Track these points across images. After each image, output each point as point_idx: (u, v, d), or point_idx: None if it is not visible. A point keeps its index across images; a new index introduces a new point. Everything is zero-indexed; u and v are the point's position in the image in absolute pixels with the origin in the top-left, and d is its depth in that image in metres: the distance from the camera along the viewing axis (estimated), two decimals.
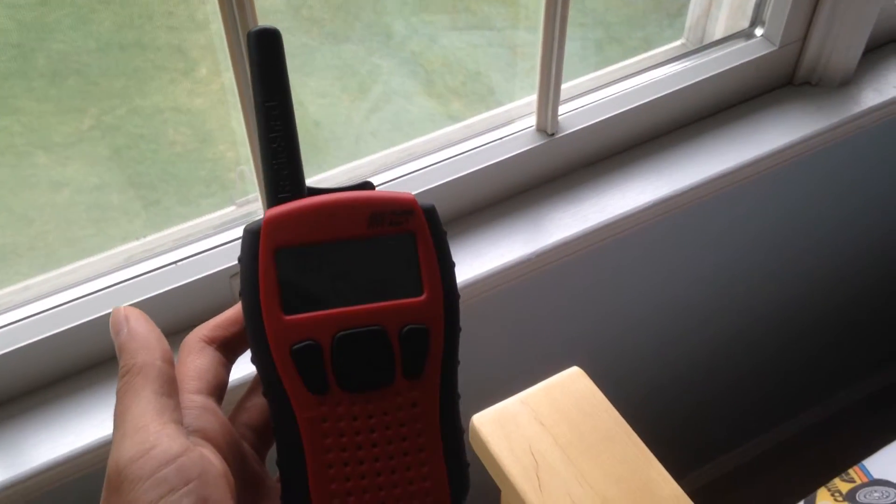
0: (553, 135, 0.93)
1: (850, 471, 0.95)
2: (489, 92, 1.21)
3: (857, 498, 0.92)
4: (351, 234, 0.37)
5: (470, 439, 0.75)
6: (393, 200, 0.38)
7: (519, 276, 0.89)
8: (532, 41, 0.88)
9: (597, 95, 0.97)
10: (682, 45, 1.08)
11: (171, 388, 0.37)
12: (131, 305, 0.39)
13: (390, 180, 0.88)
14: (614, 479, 0.71)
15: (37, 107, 1.52)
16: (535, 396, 0.76)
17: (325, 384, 0.37)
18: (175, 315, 0.81)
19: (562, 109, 0.94)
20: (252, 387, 0.42)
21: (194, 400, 0.38)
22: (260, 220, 0.37)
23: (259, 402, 0.41)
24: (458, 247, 0.89)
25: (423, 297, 0.38)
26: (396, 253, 0.38)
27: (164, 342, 0.38)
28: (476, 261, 0.88)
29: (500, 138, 0.92)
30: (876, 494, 0.92)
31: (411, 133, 0.96)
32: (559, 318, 1.07)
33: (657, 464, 0.73)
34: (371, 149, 0.97)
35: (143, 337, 0.37)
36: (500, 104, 1.00)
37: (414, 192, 0.88)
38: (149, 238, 0.90)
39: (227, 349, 0.41)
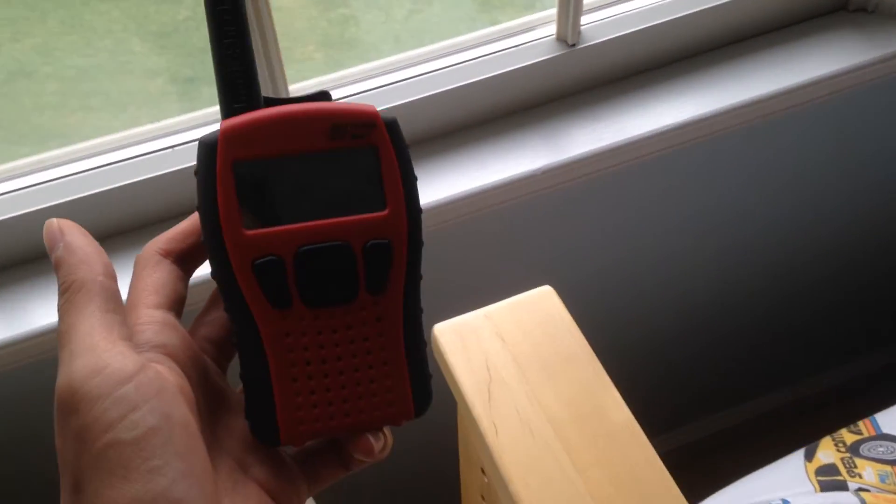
0: (574, 45, 0.88)
1: (860, 423, 0.90)
2: (528, 6, 1.16)
3: (861, 451, 0.87)
4: (311, 147, 0.36)
5: (432, 348, 0.74)
6: (354, 113, 0.37)
7: (523, 193, 0.87)
8: None
9: (625, 6, 0.91)
10: None
11: (116, 303, 0.35)
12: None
13: (401, 80, 0.86)
14: (566, 400, 0.70)
15: None
16: (499, 312, 0.74)
17: (288, 299, 0.37)
18: None
19: (586, 19, 0.90)
20: (211, 300, 0.41)
21: (153, 315, 0.37)
22: (216, 132, 0.36)
23: (219, 315, 0.41)
24: (463, 157, 0.87)
25: (385, 212, 0.37)
26: (358, 167, 0.37)
27: (104, 255, 0.36)
28: (478, 172, 0.86)
29: (516, 46, 0.89)
30: (881, 449, 0.87)
31: (445, 36, 0.94)
32: (553, 240, 1.04)
33: (614, 391, 0.70)
34: (402, 49, 0.95)
35: (82, 251, 0.36)
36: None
37: (422, 97, 0.87)
38: None
39: (184, 262, 0.40)
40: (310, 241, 0.36)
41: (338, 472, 0.40)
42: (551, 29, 0.89)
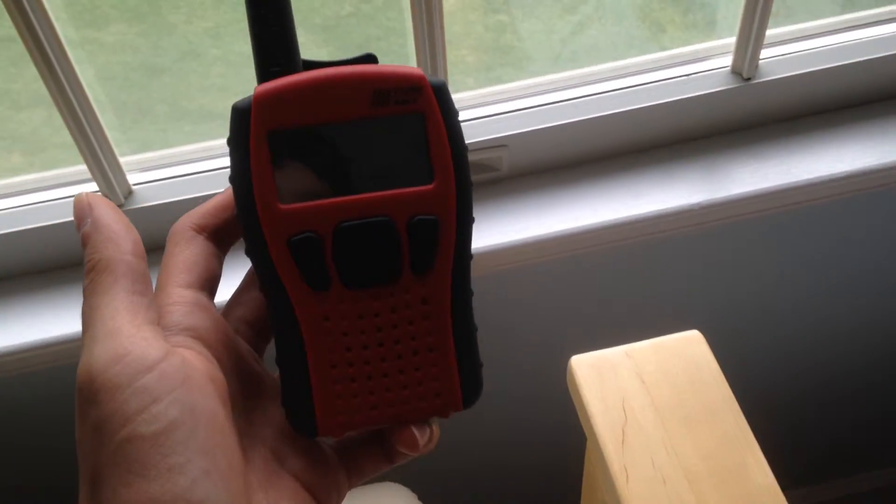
0: (748, 79, 0.84)
1: None
2: (710, 26, 1.11)
3: None
4: (352, 114, 0.33)
5: (567, 380, 0.72)
6: (399, 76, 0.33)
7: (676, 227, 0.83)
8: None
9: (808, 44, 0.86)
10: None
11: (143, 285, 0.33)
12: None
13: (562, 101, 0.84)
14: (704, 453, 0.66)
15: None
16: (642, 351, 0.71)
17: (327, 280, 0.34)
18: None
19: (766, 53, 0.85)
20: (247, 279, 0.39)
21: (184, 295, 0.35)
22: (249, 97, 0.33)
23: (255, 295, 0.38)
24: (618, 184, 0.84)
25: (432, 186, 0.34)
26: (404, 136, 0.34)
27: (134, 233, 0.34)
28: (633, 201, 0.82)
29: (688, 75, 0.85)
30: None
31: (613, 57, 0.91)
32: (702, 279, 0.99)
33: (757, 450, 0.66)
34: (563, 68, 0.93)
35: (110, 228, 0.33)
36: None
37: (583, 119, 0.84)
38: None
39: (219, 238, 0.37)
40: (349, 217, 0.34)
41: (381, 464, 0.37)
42: (726, 60, 0.85)
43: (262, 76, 0.34)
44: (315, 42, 1.61)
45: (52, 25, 0.70)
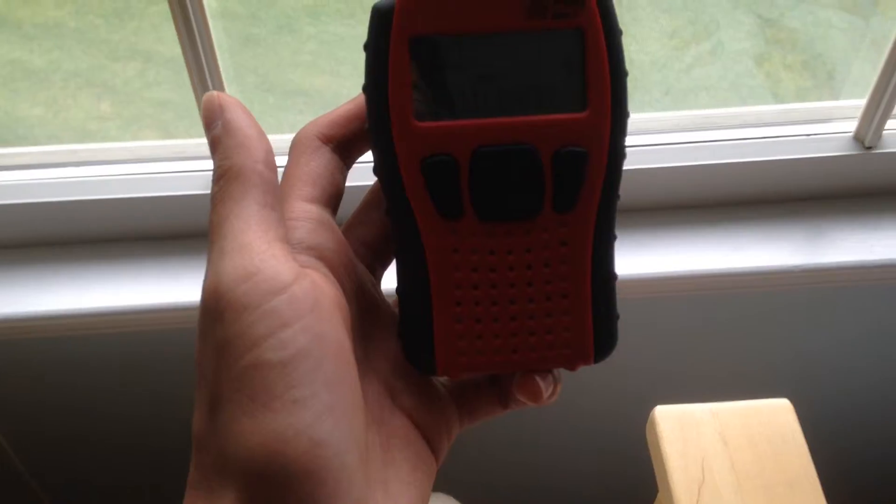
0: (870, 148, 0.82)
1: None
2: (827, 79, 1.09)
3: None
4: (504, 24, 0.30)
5: (646, 429, 0.70)
6: None
7: (773, 286, 0.81)
8: None
9: None
10: None
11: (274, 198, 0.31)
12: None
13: (676, 143, 0.82)
14: None
15: None
16: (728, 412, 0.69)
17: (460, 208, 0.31)
18: None
19: (892, 124, 0.83)
20: (370, 198, 0.36)
21: (308, 210, 0.32)
22: None
23: (378, 216, 0.35)
24: (721, 234, 0.82)
25: (585, 114, 0.31)
26: (558, 54, 0.30)
27: (266, 140, 0.31)
28: (735, 253, 0.81)
29: (809, 135, 0.83)
30: None
31: (724, 99, 0.89)
32: (794, 343, 0.96)
33: None
34: (675, 104, 0.91)
35: (242, 132, 0.31)
36: (833, 97, 0.90)
37: (690, 164, 0.82)
38: None
39: (345, 150, 0.34)
40: (490, 141, 0.30)
41: (495, 409, 0.35)
42: (849, 125, 0.83)
43: None
44: None
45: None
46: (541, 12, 0.30)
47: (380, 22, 0.30)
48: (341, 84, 1.49)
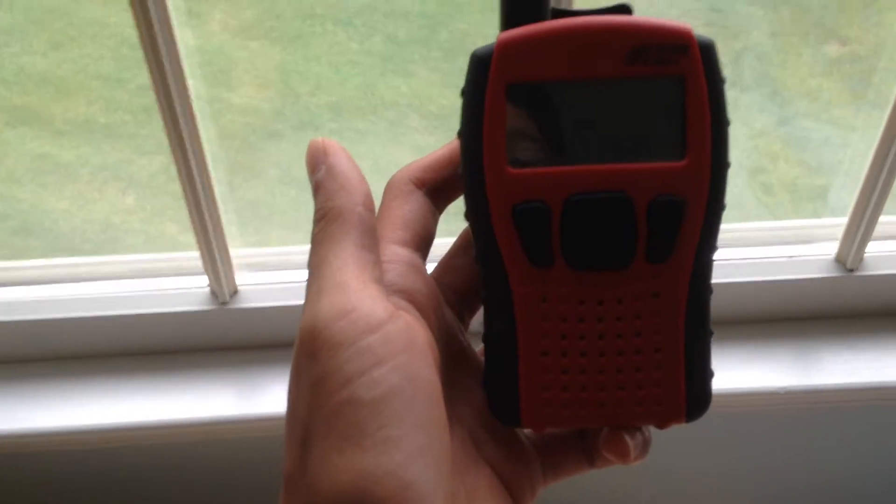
0: (852, 271, 0.82)
1: None
2: (819, 195, 1.10)
3: None
4: (604, 72, 0.29)
5: None
6: (664, 31, 0.29)
7: (757, 406, 0.81)
8: None
9: None
10: None
11: (372, 239, 0.31)
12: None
13: None
14: None
15: (428, 75, 1.61)
16: None
17: (550, 256, 0.31)
18: None
19: (873, 247, 0.83)
20: (461, 244, 0.36)
21: (399, 254, 0.32)
22: (491, 45, 0.30)
23: (467, 263, 0.34)
24: None
25: (684, 162, 0.30)
26: (658, 101, 0.30)
27: (366, 183, 0.32)
28: (718, 375, 0.81)
29: (791, 257, 0.84)
30: None
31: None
32: (774, 460, 0.95)
33: None
34: None
35: (345, 176, 0.31)
36: (829, 213, 0.91)
37: None
38: None
39: (438, 195, 0.34)
40: (584, 189, 0.30)
41: (582, 466, 0.34)
42: (831, 247, 0.84)
43: (507, 22, 0.31)
44: (427, 129, 1.65)
45: (196, 127, 0.72)
46: (642, 59, 0.29)
47: (478, 68, 0.30)
48: None
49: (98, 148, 1.44)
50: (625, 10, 0.31)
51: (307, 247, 0.31)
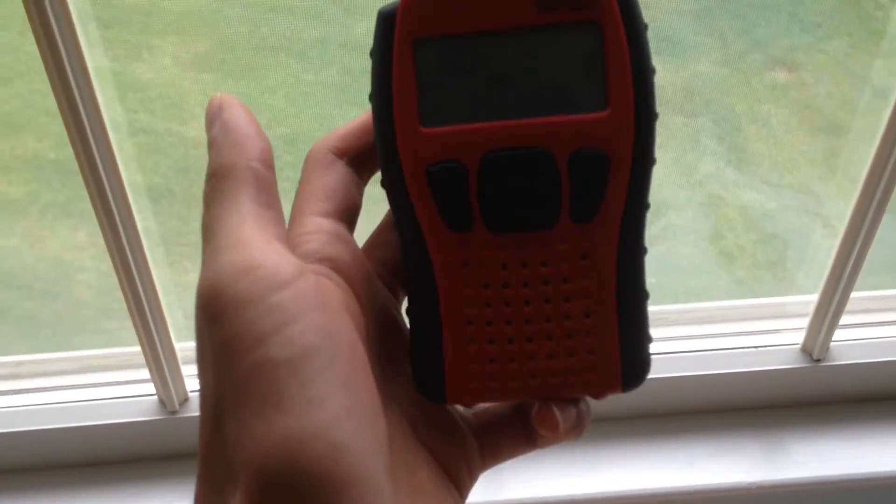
0: (818, 361, 0.79)
1: None
2: (778, 261, 1.08)
3: None
4: (513, 21, 0.28)
5: None
6: None
7: (726, 501, 0.78)
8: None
9: (887, 331, 0.82)
10: None
11: (271, 196, 0.29)
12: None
13: None
14: None
15: None
16: None
17: (469, 219, 0.29)
18: None
19: (839, 335, 0.81)
20: (388, 218, 0.34)
21: (322, 224, 0.30)
22: (397, 1, 0.29)
23: (396, 236, 0.32)
24: (670, 448, 0.79)
25: (605, 113, 0.28)
26: (574, 50, 0.28)
27: (264, 138, 0.30)
28: (687, 469, 0.78)
29: (757, 347, 0.81)
30: None
31: (675, 280, 0.87)
32: None
33: None
34: None
35: (239, 132, 0.29)
36: (788, 279, 0.89)
37: None
38: None
39: (360, 164, 0.32)
40: (501, 146, 0.28)
41: (521, 447, 0.32)
42: (797, 336, 0.81)
43: None
44: None
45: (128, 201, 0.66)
46: (553, 6, 0.28)
47: (384, 25, 0.29)
48: None
49: (48, 184, 1.38)
50: None
51: None
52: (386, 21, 0.29)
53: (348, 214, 0.32)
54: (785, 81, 1.35)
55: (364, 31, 1.31)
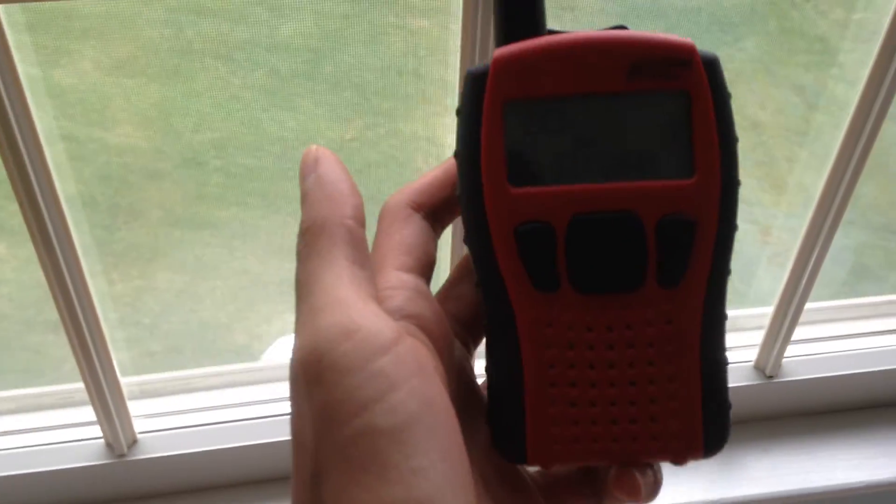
0: (771, 377, 0.80)
1: None
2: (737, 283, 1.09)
3: None
4: (604, 87, 0.28)
5: None
6: (665, 45, 0.28)
7: None
8: (784, 227, 0.76)
9: (838, 345, 0.83)
10: None
11: (363, 255, 0.29)
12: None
13: None
14: None
15: (313, 109, 1.56)
16: None
17: (555, 279, 0.29)
18: None
19: (791, 351, 0.81)
20: (461, 270, 0.33)
21: (405, 280, 0.30)
22: (487, 62, 0.29)
23: (469, 290, 0.32)
24: None
25: (693, 180, 0.28)
26: (663, 117, 0.28)
27: (358, 195, 0.30)
28: None
29: None
30: None
31: None
32: None
33: None
34: None
35: (333, 186, 0.29)
36: (735, 291, 0.88)
37: None
38: None
39: (436, 218, 0.32)
40: (589, 208, 0.28)
41: None
42: (750, 353, 0.81)
43: (502, 38, 0.29)
44: None
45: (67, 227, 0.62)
46: (644, 74, 0.28)
47: (473, 85, 0.28)
48: (250, 214, 1.43)
49: None
50: (621, 28, 0.29)
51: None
52: (476, 81, 0.28)
53: (427, 269, 0.31)
54: None
55: (291, 33, 1.27)
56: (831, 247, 0.70)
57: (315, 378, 0.25)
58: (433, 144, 1.45)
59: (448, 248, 0.66)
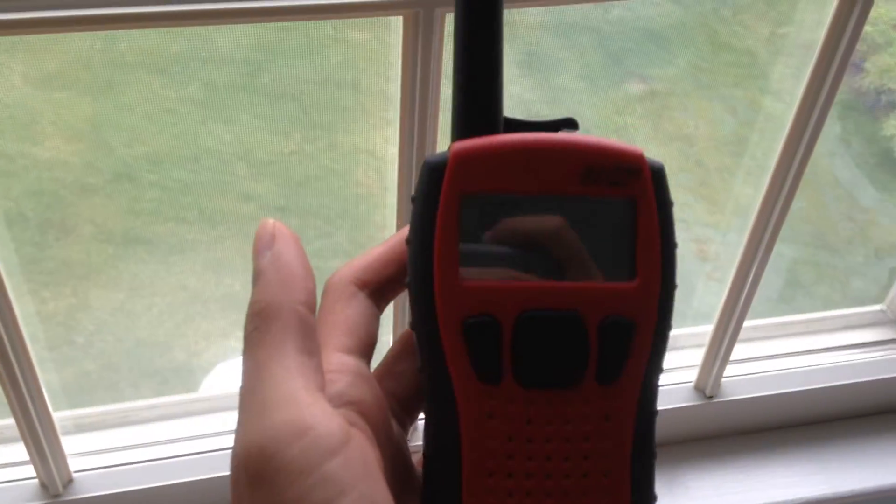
0: (711, 398, 0.80)
1: None
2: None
3: None
4: (558, 189, 0.29)
5: None
6: (618, 153, 0.28)
7: None
8: (719, 240, 0.76)
9: (774, 364, 0.83)
10: (881, 311, 0.92)
11: (313, 343, 0.28)
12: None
13: None
14: None
15: (251, 121, 1.53)
16: None
17: (499, 373, 0.29)
18: None
19: (730, 371, 0.82)
20: (402, 348, 0.33)
21: (346, 363, 0.29)
22: (445, 153, 0.29)
23: (409, 368, 0.32)
24: None
25: (634, 283, 0.29)
26: (610, 222, 0.29)
27: (312, 279, 0.29)
28: None
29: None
30: None
31: None
32: None
33: None
34: None
35: (288, 269, 0.28)
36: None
37: None
38: None
39: (379, 295, 0.31)
40: (536, 305, 0.28)
41: None
42: (690, 374, 0.81)
43: (460, 131, 0.30)
44: (254, 176, 1.55)
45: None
46: (595, 179, 0.28)
47: (431, 176, 0.29)
48: (187, 230, 1.40)
49: None
50: (572, 123, 0.31)
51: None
52: (434, 171, 0.28)
53: (368, 349, 0.31)
54: (639, 93, 1.38)
55: (226, 44, 1.23)
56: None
57: (262, 477, 0.24)
58: (373, 157, 1.43)
59: (390, 320, 0.65)
